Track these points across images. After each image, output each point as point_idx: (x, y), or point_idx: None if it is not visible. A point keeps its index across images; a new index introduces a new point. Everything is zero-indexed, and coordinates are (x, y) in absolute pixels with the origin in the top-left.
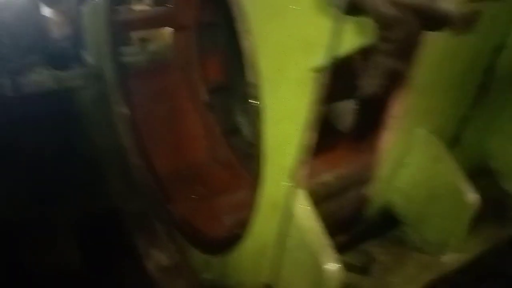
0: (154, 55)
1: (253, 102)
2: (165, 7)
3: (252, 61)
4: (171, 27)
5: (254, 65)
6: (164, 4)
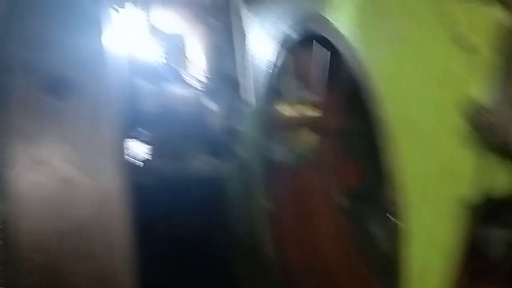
0: (300, 156)
1: (392, 219)
2: (316, 112)
3: (392, 178)
4: (318, 134)
5: (394, 182)
6: (316, 108)
